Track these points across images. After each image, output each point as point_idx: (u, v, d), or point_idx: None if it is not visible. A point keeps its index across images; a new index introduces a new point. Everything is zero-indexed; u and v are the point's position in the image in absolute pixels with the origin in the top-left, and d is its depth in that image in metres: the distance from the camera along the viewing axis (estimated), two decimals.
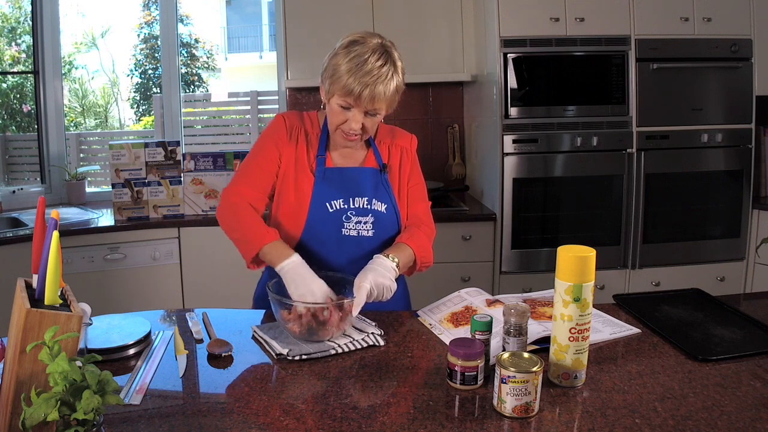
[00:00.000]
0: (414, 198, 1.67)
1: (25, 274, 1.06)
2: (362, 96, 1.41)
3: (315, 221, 1.56)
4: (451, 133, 3.54)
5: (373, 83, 1.40)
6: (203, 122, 3.86)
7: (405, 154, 1.67)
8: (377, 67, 1.41)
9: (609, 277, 2.99)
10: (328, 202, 1.56)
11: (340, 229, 1.56)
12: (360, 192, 1.58)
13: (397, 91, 1.48)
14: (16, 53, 3.64)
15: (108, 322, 1.41)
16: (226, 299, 2.59)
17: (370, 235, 1.57)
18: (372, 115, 1.48)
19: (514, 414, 1.05)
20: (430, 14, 3.17)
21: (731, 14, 2.90)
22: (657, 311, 1.54)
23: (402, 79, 1.48)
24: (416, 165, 1.70)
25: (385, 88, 1.42)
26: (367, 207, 1.57)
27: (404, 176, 1.66)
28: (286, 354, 1.29)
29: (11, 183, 3.49)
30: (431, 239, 1.65)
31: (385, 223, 1.59)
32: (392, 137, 1.67)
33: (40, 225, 1.01)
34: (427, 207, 1.70)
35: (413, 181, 1.68)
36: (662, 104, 2.92)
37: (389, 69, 1.43)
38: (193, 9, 6.71)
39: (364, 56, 1.41)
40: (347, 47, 1.44)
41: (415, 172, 1.69)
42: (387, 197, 1.60)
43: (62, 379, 0.84)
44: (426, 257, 1.59)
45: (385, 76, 1.42)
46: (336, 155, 1.61)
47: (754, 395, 1.12)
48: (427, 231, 1.64)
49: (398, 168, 1.65)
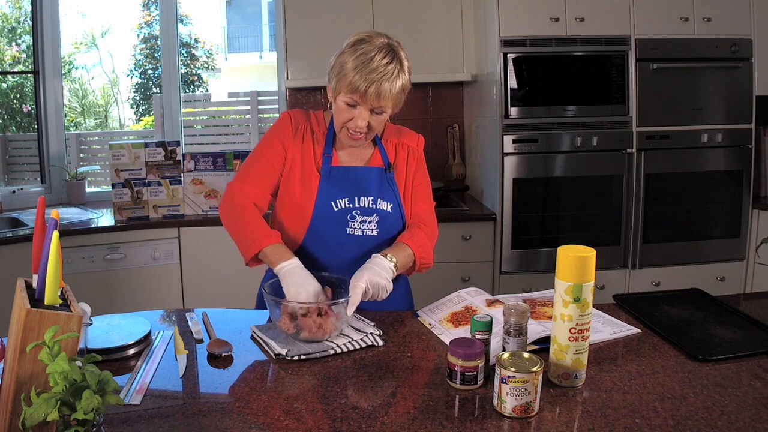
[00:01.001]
0: (418, 197, 1.66)
1: (25, 274, 1.06)
2: (368, 93, 1.41)
3: (319, 220, 1.55)
4: (451, 133, 3.54)
5: (378, 80, 1.41)
6: (203, 122, 3.86)
7: (411, 154, 1.67)
8: (383, 65, 1.41)
9: (609, 277, 2.99)
10: (333, 201, 1.56)
11: (345, 228, 1.56)
12: (365, 191, 1.57)
13: (403, 90, 1.47)
14: (16, 53, 3.64)
15: (108, 322, 1.41)
16: (226, 299, 2.59)
17: (374, 234, 1.57)
18: (378, 114, 1.47)
19: (514, 414, 1.05)
20: (430, 14, 3.17)
21: (731, 14, 2.90)
22: (657, 311, 1.54)
23: (408, 79, 1.49)
24: (422, 165, 1.70)
25: (390, 85, 1.42)
26: (372, 207, 1.57)
27: (410, 175, 1.65)
28: (285, 354, 1.29)
29: (11, 183, 3.49)
30: (433, 240, 1.64)
31: (389, 222, 1.58)
32: (399, 136, 1.67)
33: (40, 225, 1.01)
34: (431, 207, 1.69)
35: (418, 181, 1.67)
36: (662, 104, 2.92)
37: (395, 67, 1.43)
38: (193, 9, 6.71)
39: (371, 54, 1.41)
40: (354, 45, 1.45)
41: (420, 171, 1.68)
42: (392, 196, 1.60)
43: (62, 379, 0.84)
44: (426, 258, 1.58)
45: (391, 73, 1.42)
46: (342, 154, 1.61)
47: (754, 395, 1.12)
48: (428, 232, 1.63)
49: (404, 167, 1.65)
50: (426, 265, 1.60)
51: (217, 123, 3.87)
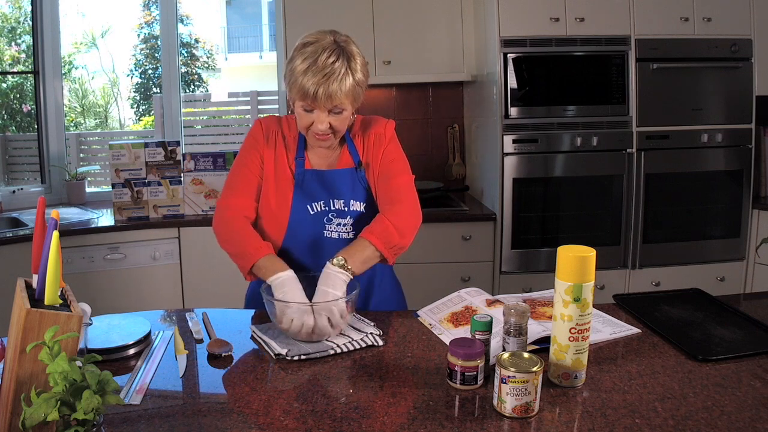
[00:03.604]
0: (393, 173, 1.57)
1: (25, 274, 1.06)
2: (318, 95, 1.39)
3: (296, 223, 1.56)
4: (451, 133, 3.54)
5: (325, 81, 1.38)
6: (203, 122, 3.86)
7: (378, 140, 1.60)
8: (329, 64, 1.39)
9: (609, 277, 2.99)
10: (309, 204, 1.55)
11: (322, 231, 1.56)
12: (338, 194, 1.56)
13: (357, 85, 1.44)
14: (16, 53, 3.64)
15: (108, 322, 1.41)
16: (226, 299, 2.58)
17: (350, 237, 1.56)
18: (337, 113, 1.45)
19: (514, 414, 1.05)
20: (430, 14, 3.17)
21: (731, 14, 2.90)
22: (657, 311, 1.54)
23: (362, 72, 1.45)
24: (393, 144, 1.61)
25: (339, 84, 1.40)
26: (344, 209, 1.56)
27: (377, 162, 1.59)
28: (285, 354, 1.29)
29: (11, 183, 3.49)
30: (408, 217, 1.53)
31: (365, 222, 1.53)
32: (367, 128, 1.62)
33: (40, 225, 1.01)
34: (408, 180, 1.59)
35: (388, 158, 1.59)
36: (662, 104, 2.92)
37: (342, 65, 1.40)
38: (193, 9, 6.71)
39: (315, 55, 1.39)
40: (301, 49, 1.43)
41: (390, 147, 1.60)
42: (365, 195, 1.58)
43: (62, 379, 0.84)
44: (392, 241, 1.47)
45: (338, 72, 1.39)
46: (313, 156, 1.60)
47: (754, 395, 1.12)
48: (399, 212, 1.51)
49: (373, 157, 1.59)
50: (398, 246, 1.49)
51: (217, 123, 3.88)
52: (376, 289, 1.65)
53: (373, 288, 1.65)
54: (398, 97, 3.54)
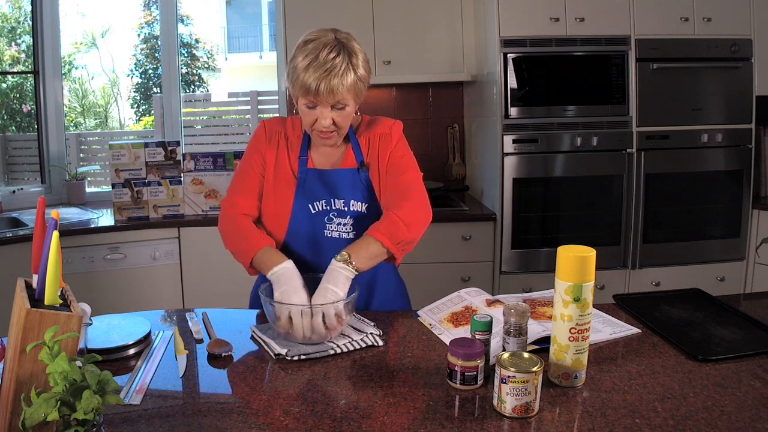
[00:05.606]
0: (401, 169, 1.57)
1: (25, 274, 1.06)
2: (320, 91, 1.40)
3: (298, 222, 1.56)
4: (451, 133, 3.54)
5: (326, 76, 1.39)
6: (203, 122, 3.86)
7: (384, 141, 1.60)
8: (330, 60, 1.40)
9: (609, 277, 2.99)
10: (311, 203, 1.56)
11: (323, 230, 1.57)
12: (339, 194, 1.57)
13: (359, 81, 1.45)
14: (16, 53, 3.64)
15: (108, 322, 1.41)
16: (226, 299, 2.59)
17: (351, 237, 1.56)
18: (340, 109, 1.46)
19: (514, 414, 1.05)
20: (430, 14, 3.17)
21: (731, 14, 2.90)
22: (657, 311, 1.54)
23: (364, 68, 1.46)
24: (401, 143, 1.61)
25: (341, 79, 1.40)
26: (344, 209, 1.57)
27: (384, 163, 1.59)
28: (285, 354, 1.29)
29: (11, 183, 3.49)
30: (419, 211, 1.52)
31: (367, 223, 1.52)
32: (372, 127, 1.62)
33: (40, 225, 1.01)
34: (417, 176, 1.59)
35: (397, 155, 1.59)
36: (662, 104, 2.92)
37: (343, 60, 1.41)
38: (193, 9, 6.71)
39: (317, 51, 1.40)
40: (302, 47, 1.44)
41: (399, 145, 1.60)
42: (367, 196, 1.58)
43: (62, 379, 0.84)
44: (399, 236, 1.46)
45: (340, 67, 1.40)
46: (316, 155, 1.61)
47: (754, 395, 1.12)
48: (407, 207, 1.50)
49: (377, 158, 1.60)
50: (405, 241, 1.48)
51: (217, 123, 3.88)
52: (379, 289, 1.66)
53: (375, 287, 1.65)
54: (398, 97, 3.54)
